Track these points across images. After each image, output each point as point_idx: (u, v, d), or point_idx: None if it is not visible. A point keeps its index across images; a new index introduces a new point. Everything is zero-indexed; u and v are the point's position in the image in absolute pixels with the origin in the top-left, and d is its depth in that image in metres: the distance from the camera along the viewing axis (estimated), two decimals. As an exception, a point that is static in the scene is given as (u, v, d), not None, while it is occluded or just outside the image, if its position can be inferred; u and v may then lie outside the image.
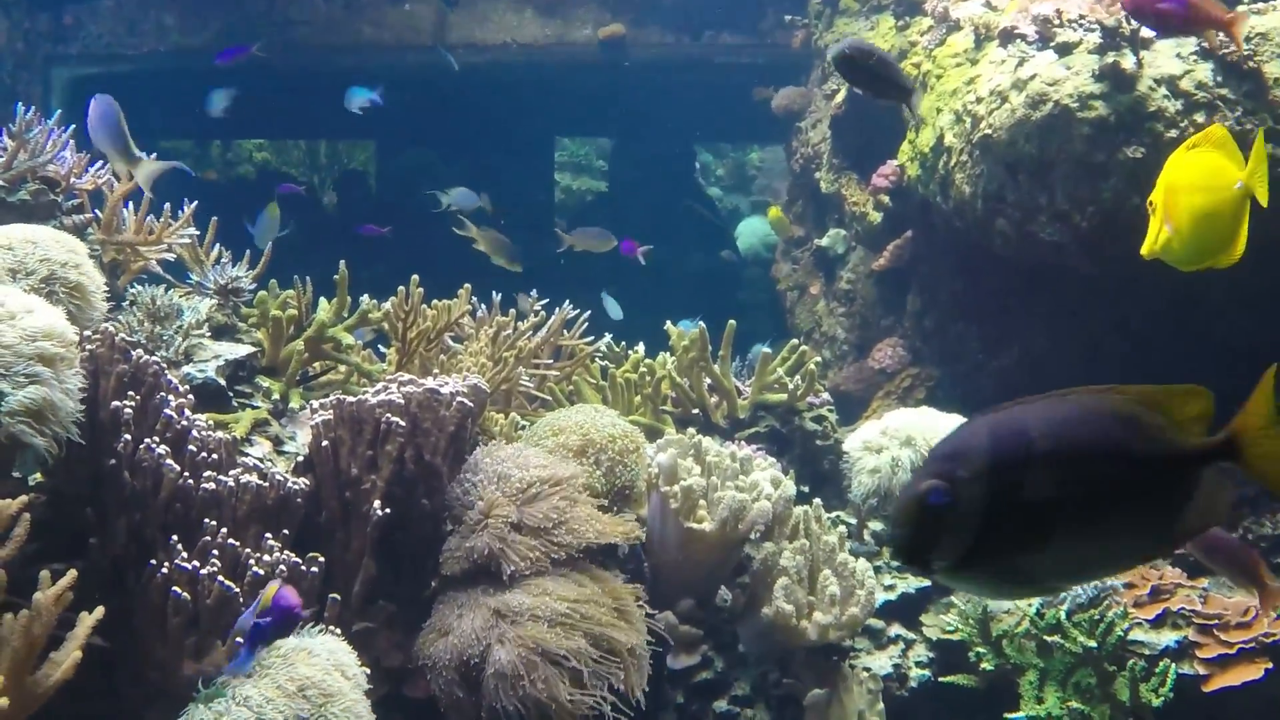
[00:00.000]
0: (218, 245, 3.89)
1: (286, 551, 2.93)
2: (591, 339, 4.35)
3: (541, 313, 4.22)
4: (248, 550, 2.89)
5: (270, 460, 3.28)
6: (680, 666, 3.54)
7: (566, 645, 3.03)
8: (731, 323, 4.31)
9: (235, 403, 3.52)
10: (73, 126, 3.71)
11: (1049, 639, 3.73)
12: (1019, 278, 5.12)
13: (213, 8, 8.37)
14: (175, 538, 2.85)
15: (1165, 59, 4.38)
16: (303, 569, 2.94)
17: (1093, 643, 3.64)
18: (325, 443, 3.17)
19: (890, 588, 4.12)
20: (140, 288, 3.56)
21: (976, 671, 3.93)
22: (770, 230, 9.25)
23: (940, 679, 3.99)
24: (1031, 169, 4.60)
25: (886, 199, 5.94)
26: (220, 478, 2.93)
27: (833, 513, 4.03)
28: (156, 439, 2.91)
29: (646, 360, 4.39)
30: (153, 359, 2.99)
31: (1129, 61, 4.39)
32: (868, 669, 3.90)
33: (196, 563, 2.82)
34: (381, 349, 4.03)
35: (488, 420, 3.67)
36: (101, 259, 3.39)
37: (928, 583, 4.24)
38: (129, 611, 2.84)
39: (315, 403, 3.27)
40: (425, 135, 9.91)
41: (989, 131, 4.74)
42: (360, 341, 3.92)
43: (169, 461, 2.87)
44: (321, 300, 3.84)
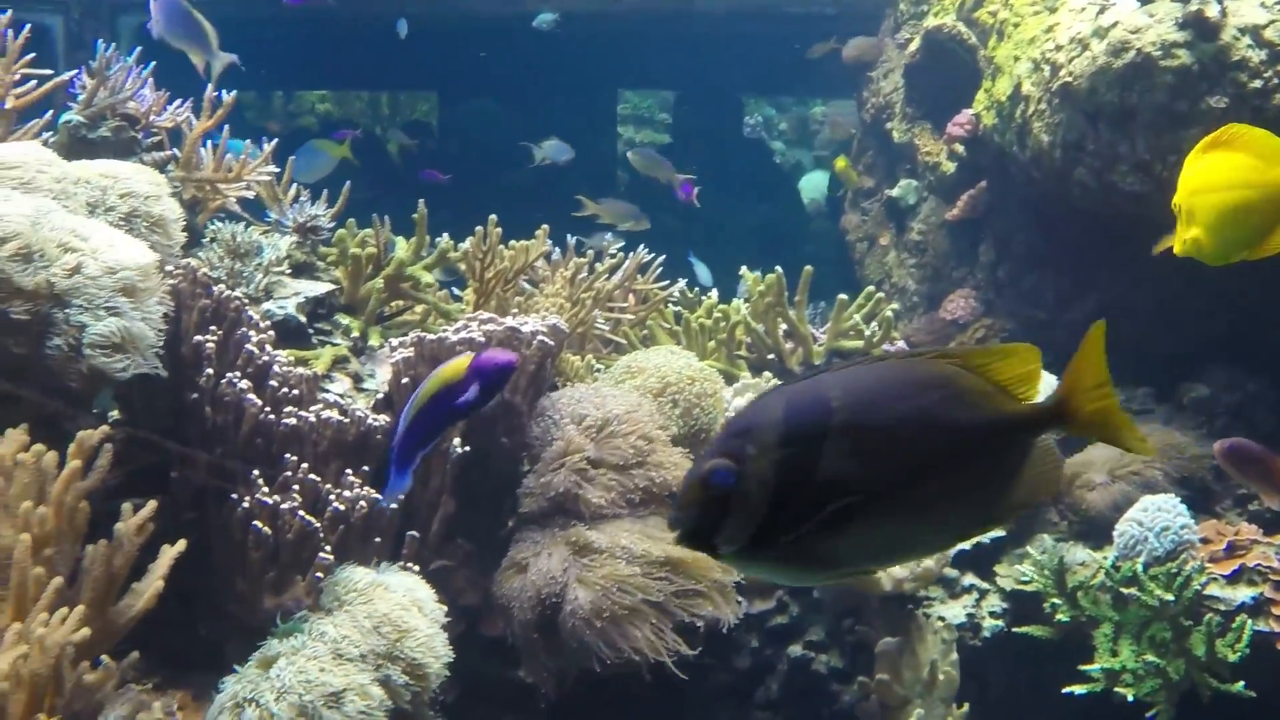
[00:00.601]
0: (295, 184, 3.86)
1: (367, 487, 2.90)
2: (666, 283, 4.29)
3: (619, 255, 4.15)
4: (328, 485, 2.86)
5: (350, 397, 3.25)
6: (755, 611, 3.50)
7: (645, 584, 2.98)
8: (808, 268, 4.24)
9: (315, 340, 3.49)
10: (153, 64, 3.67)
11: (1125, 591, 3.66)
12: (1096, 229, 5.01)
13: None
14: (256, 472, 2.82)
15: (1249, 8, 4.25)
16: (382, 505, 2.91)
17: (1169, 596, 3.56)
18: (405, 379, 3.13)
19: (965, 537, 4.05)
20: (220, 224, 3.53)
21: (1051, 623, 3.85)
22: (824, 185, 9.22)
23: (1013, 630, 3.93)
24: (1112, 118, 4.48)
25: (961, 149, 5.81)
26: (301, 413, 2.90)
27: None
28: (238, 374, 2.88)
29: (721, 306, 4.33)
30: (234, 294, 2.96)
31: (1213, 10, 4.26)
32: (941, 618, 3.83)
33: (277, 497, 2.79)
34: (455, 291, 3.99)
35: (563, 362, 3.62)
36: (181, 196, 3.36)
37: (1003, 532, 4.17)
38: (208, 546, 2.82)
39: (394, 340, 3.24)
40: (488, 86, 9.83)
41: (1069, 80, 4.62)
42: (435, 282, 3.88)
43: (251, 396, 2.84)
44: (399, 240, 3.81)
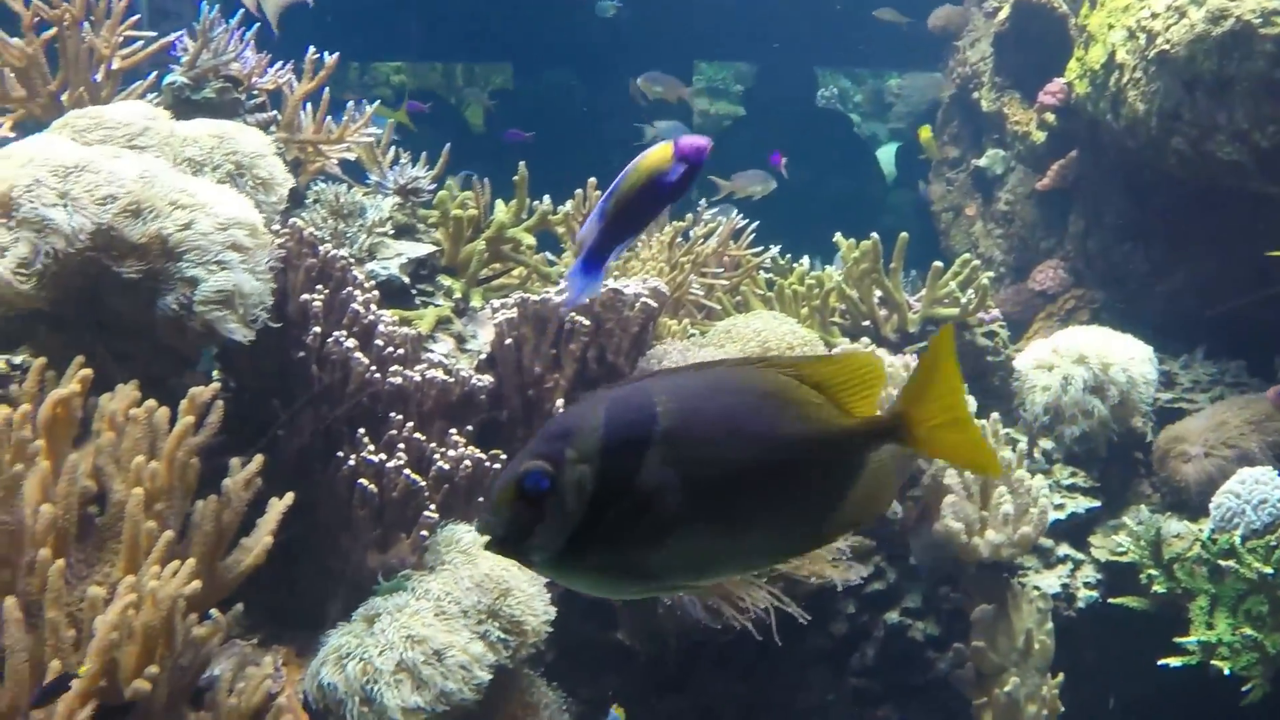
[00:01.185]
0: (394, 147, 3.84)
1: (471, 447, 2.88)
2: (760, 249, 4.23)
3: (714, 222, 4.10)
4: (433, 445, 2.84)
5: (454, 357, 3.22)
6: (854, 577, 3.44)
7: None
8: (903, 235, 4.16)
9: (418, 300, 3.46)
10: (255, 26, 3.66)
11: (1222, 564, 3.58)
12: (1189, 199, 4.91)
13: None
14: (362, 431, 2.80)
15: (1352, -27, 4.15)
16: (486, 465, 2.88)
17: (1268, 569, 3.48)
18: (509, 340, 3.10)
19: (1059, 507, 3.98)
20: (323, 185, 3.52)
21: (1146, 594, 3.79)
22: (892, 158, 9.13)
23: (1108, 601, 3.87)
24: (1210, 86, 4.38)
25: (1052, 118, 5.71)
26: (406, 372, 2.87)
27: (1003, 430, 3.88)
28: (344, 332, 2.86)
29: (814, 273, 4.27)
30: (340, 253, 2.94)
31: (1316, -25, 4.16)
32: (1036, 588, 3.78)
33: (383, 455, 2.77)
34: (550, 257, 3.95)
35: (660, 326, 3.58)
36: (284, 157, 3.34)
37: (1098, 503, 4.11)
38: (314, 504, 2.80)
39: (496, 302, 3.21)
40: (563, 57, 9.78)
41: (1165, 47, 4.52)
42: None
43: (357, 355, 2.82)
44: (498, 203, 3.78)
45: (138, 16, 3.51)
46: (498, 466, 2.90)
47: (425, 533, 2.74)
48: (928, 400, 1.37)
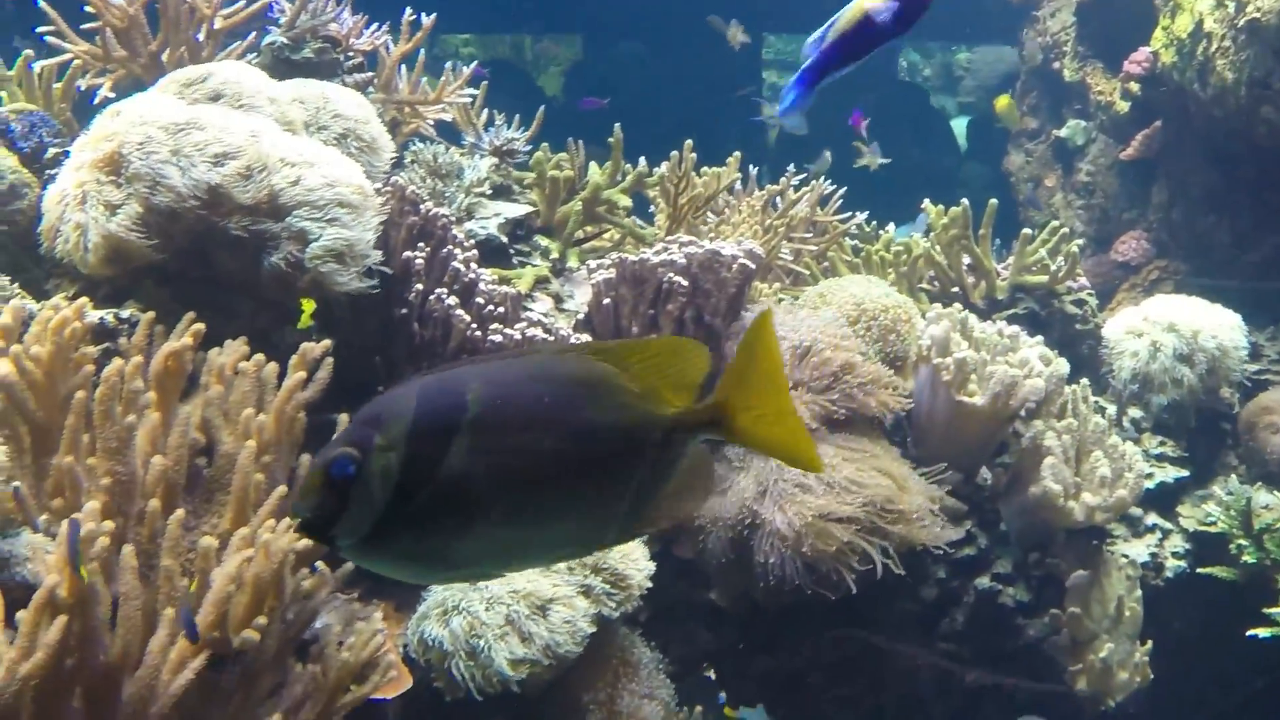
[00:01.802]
0: (486, 109, 3.82)
1: (570, 405, 2.85)
2: (847, 215, 4.19)
3: (811, 188, 4.05)
4: (533, 403, 2.82)
5: (552, 316, 3.20)
6: (944, 542, 3.40)
7: (843, 508, 2.91)
8: (993, 201, 4.11)
9: (515, 260, 3.45)
10: (353, -13, 3.66)
11: (1315, 534, 3.53)
12: (1278, 169, 4.83)
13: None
14: (464, 387, 2.78)
15: None
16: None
17: (1361, 540, 3.43)
18: (606, 300, 3.07)
19: (1148, 476, 3.92)
20: (421, 145, 3.51)
21: (1236, 565, 3.73)
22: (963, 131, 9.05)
23: (1197, 571, 3.81)
24: (1302, 55, 4.31)
25: (1136, 87, 5.62)
26: (507, 330, 2.85)
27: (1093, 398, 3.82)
28: (445, 290, 2.84)
29: (901, 239, 4.23)
30: (441, 211, 2.92)
31: None
32: (1125, 555, 3.73)
33: (484, 412, 2.75)
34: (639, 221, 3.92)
35: (752, 289, 3.54)
36: (382, 117, 3.33)
37: (1185, 472, 4.04)
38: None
39: (593, 262, 3.18)
40: (633, 29, 9.72)
41: (1256, 15, 4.44)
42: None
43: (459, 312, 2.81)
44: (591, 166, 3.76)
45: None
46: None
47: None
48: (747, 390, 1.33)
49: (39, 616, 2.08)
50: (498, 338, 2.83)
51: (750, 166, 4.06)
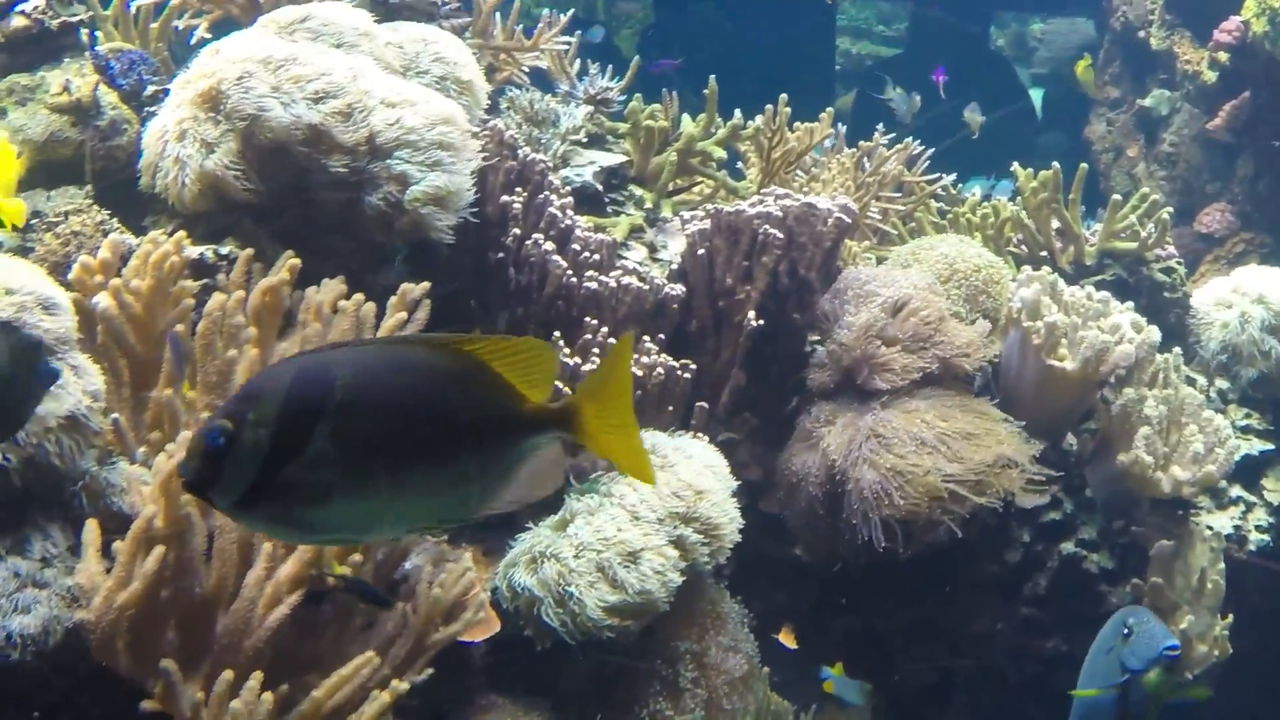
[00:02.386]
0: (580, 59, 3.78)
1: (663, 354, 2.82)
2: (934, 176, 4.12)
3: (901, 147, 4.00)
4: (626, 351, 2.79)
5: (646, 265, 3.17)
6: (1029, 505, 3.35)
7: (932, 467, 2.86)
8: (1083, 166, 4.03)
9: (610, 209, 3.41)
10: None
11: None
12: (1369, 143, 4.73)
13: None
14: (557, 334, 2.76)
15: None
16: (678, 373, 2.82)
17: None
18: (701, 251, 3.03)
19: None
20: (517, 91, 3.48)
21: (1319, 540, 3.67)
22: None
23: (1280, 545, 3.75)
24: (1402, 24, 4.19)
25: (1225, 57, 5.49)
26: (602, 278, 2.82)
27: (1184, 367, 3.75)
28: (542, 235, 2.81)
29: (987, 202, 4.16)
30: (539, 157, 2.89)
31: None
32: (1209, 527, 3.65)
33: (578, 359, 2.72)
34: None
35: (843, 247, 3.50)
36: (478, 63, 3.29)
37: (1270, 445, 3.96)
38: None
39: (688, 213, 3.15)
40: (704, -10, 9.63)
41: (1355, -16, 4.33)
42: None
43: (555, 257, 2.78)
44: (684, 118, 3.72)
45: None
46: (687, 376, 2.85)
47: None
48: (599, 402, 1.45)
49: (136, 547, 2.08)
50: (593, 285, 2.79)
51: (838, 124, 4.01)
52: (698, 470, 2.67)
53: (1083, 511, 3.43)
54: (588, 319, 2.77)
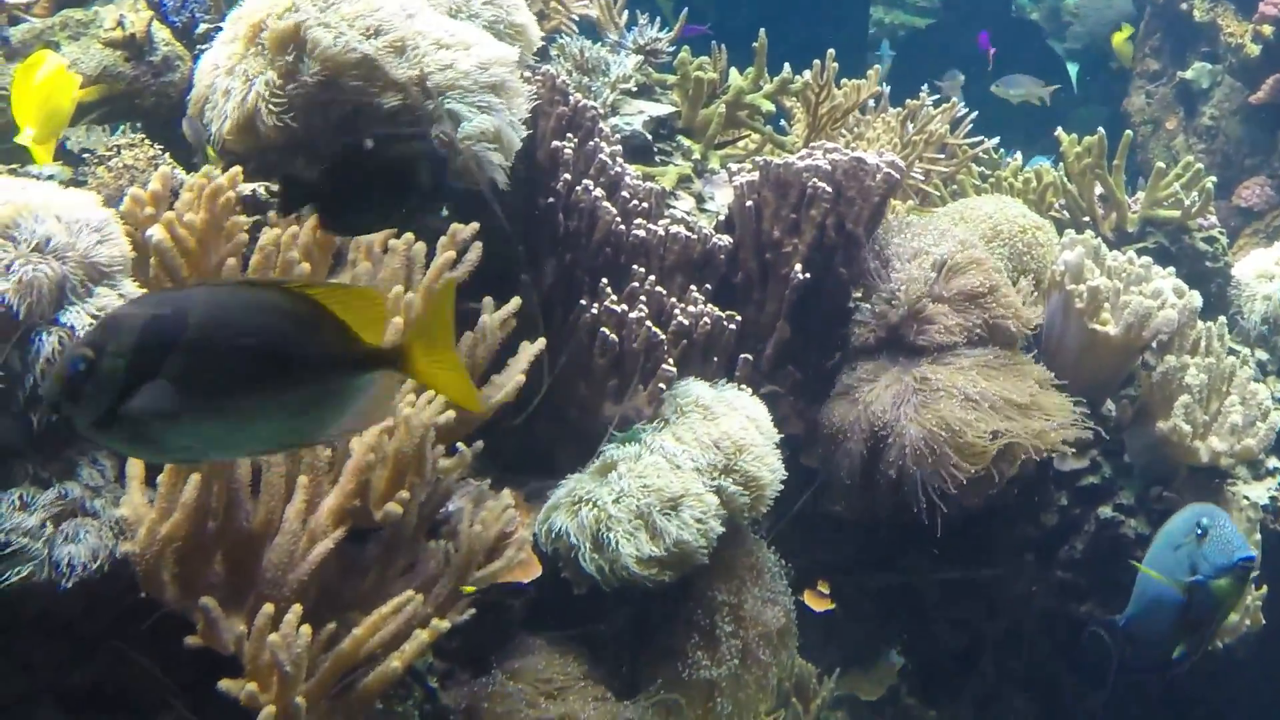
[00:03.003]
0: (627, 10, 3.75)
1: (710, 304, 2.80)
2: (977, 139, 4.08)
3: (946, 107, 3.95)
4: (673, 299, 2.76)
5: (694, 215, 3.14)
6: (1068, 468, 3.32)
7: (977, 425, 2.84)
8: (1128, 133, 4.00)
9: (658, 159, 3.39)
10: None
11: None
12: None
13: None
14: (605, 280, 2.73)
15: None
16: (724, 324, 2.80)
17: None
18: (749, 203, 3.00)
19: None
20: (567, 38, 3.45)
21: (1356, 513, 3.63)
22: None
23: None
24: None
25: (1269, 30, 5.44)
26: (650, 226, 2.79)
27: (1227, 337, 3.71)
28: (592, 182, 2.78)
29: (1029, 168, 4.13)
30: (590, 103, 2.86)
31: None
32: (1246, 497, 3.62)
33: (624, 306, 2.70)
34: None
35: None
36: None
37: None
38: (553, 350, 2.74)
39: (735, 165, 3.12)
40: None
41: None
42: None
43: (605, 204, 2.75)
44: (731, 72, 3.69)
45: None
46: (732, 327, 2.83)
47: (663, 386, 2.67)
48: (425, 341, 1.59)
49: (175, 477, 2.07)
50: (641, 233, 2.77)
51: (884, 84, 3.97)
52: (741, 422, 2.65)
53: (1121, 477, 3.40)
54: (635, 266, 2.74)
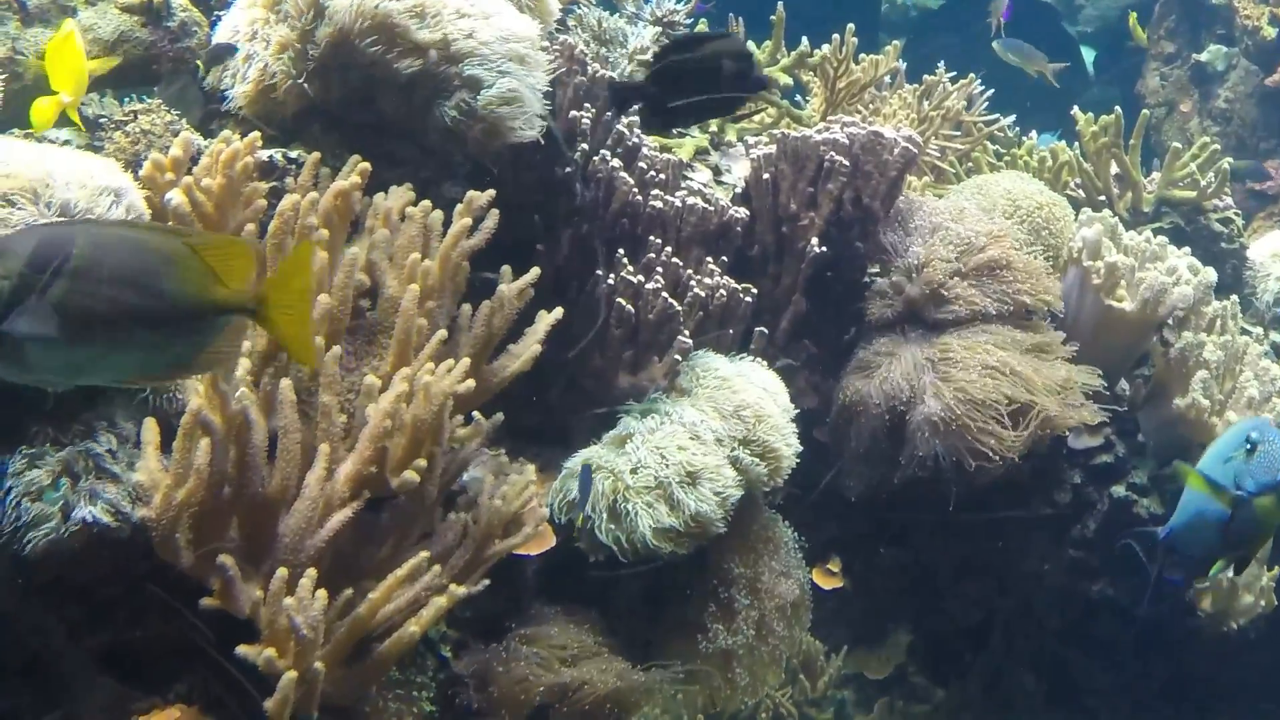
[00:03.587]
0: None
1: (726, 277, 2.79)
2: (993, 117, 4.06)
3: (962, 84, 3.94)
4: (689, 271, 2.76)
5: (711, 188, 3.13)
6: (1081, 447, 3.31)
7: (996, 397, 2.83)
8: (1145, 112, 3.99)
9: (674, 131, 3.38)
10: None
11: None
12: None
13: None
14: (621, 251, 2.73)
15: None
16: (740, 296, 2.79)
17: None
18: (766, 175, 2.99)
19: None
20: (585, 9, 3.44)
21: (1369, 495, 3.61)
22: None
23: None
24: None
25: (1286, 12, 5.43)
26: (667, 197, 2.79)
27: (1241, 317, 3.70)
28: (609, 152, 2.78)
29: (1045, 146, 4.12)
30: (608, 74, 2.86)
31: None
32: (1260, 479, 3.61)
33: (641, 277, 2.69)
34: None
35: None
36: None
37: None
38: (568, 320, 2.73)
39: (752, 138, 3.11)
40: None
41: None
42: None
43: (622, 174, 2.74)
44: (749, 44, 3.67)
45: None
46: (749, 300, 2.82)
47: (678, 357, 2.67)
48: (282, 293, 1.74)
49: (188, 441, 2.06)
50: (658, 204, 2.76)
51: (901, 62, 3.95)
52: (758, 394, 2.64)
53: (1134, 455, 3.38)
54: (652, 237, 2.74)
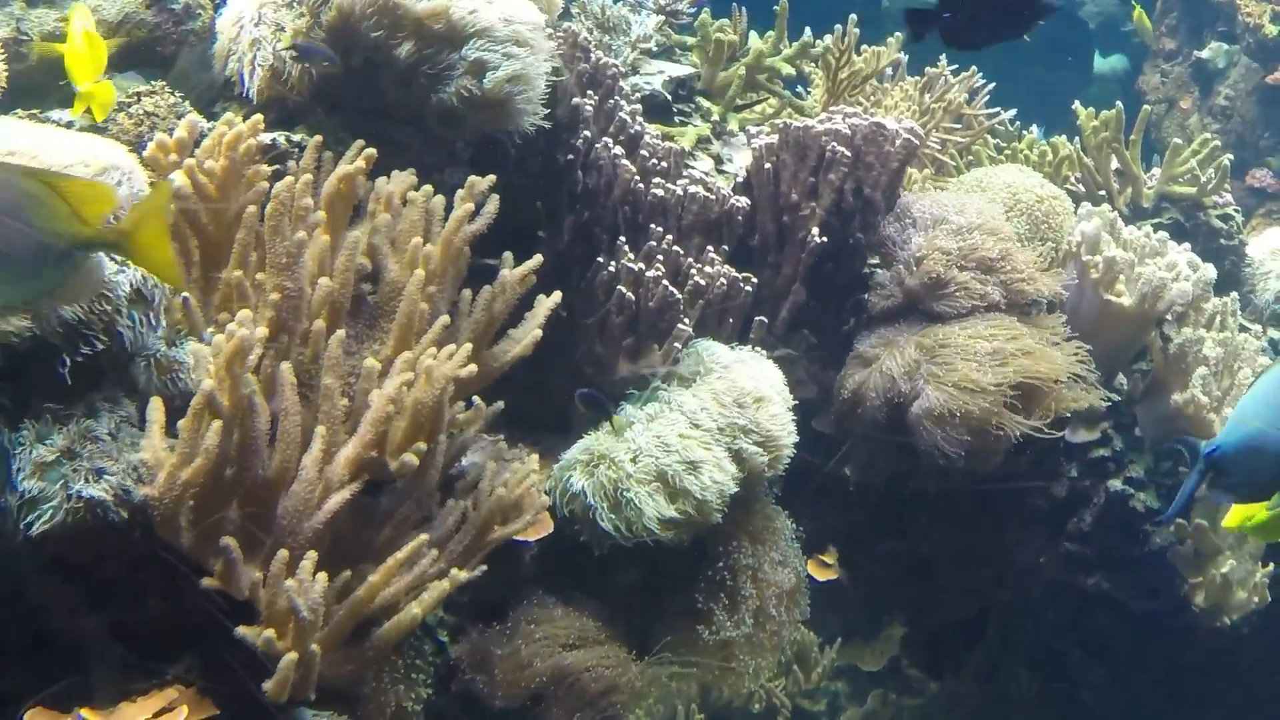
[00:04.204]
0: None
1: (727, 265, 2.80)
2: (994, 110, 4.07)
3: (964, 77, 3.94)
4: (690, 260, 2.76)
5: (712, 176, 3.14)
6: (1079, 440, 3.32)
7: (998, 390, 2.84)
8: (1146, 107, 3.99)
9: (677, 119, 3.39)
10: None
11: None
12: None
13: None
14: (623, 238, 2.74)
15: None
16: (740, 285, 2.80)
17: None
18: (767, 165, 3.00)
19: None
20: (586, -2, 3.46)
21: (1365, 493, 3.62)
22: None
23: (1325, 497, 3.71)
24: None
25: (1288, 10, 5.44)
26: (669, 185, 2.80)
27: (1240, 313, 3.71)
28: (611, 139, 2.79)
29: (1046, 141, 4.12)
30: (612, 61, 2.86)
31: None
32: (1256, 474, 3.62)
33: (642, 265, 2.70)
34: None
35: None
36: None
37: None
38: (569, 308, 2.74)
39: (754, 127, 3.12)
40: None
41: None
42: None
43: (624, 162, 2.75)
44: (751, 35, 3.69)
45: None
46: (748, 289, 2.83)
47: (678, 345, 2.68)
48: (139, 229, 1.87)
49: (197, 422, 2.06)
50: (660, 192, 2.77)
51: (901, 53, 3.96)
52: (758, 381, 2.65)
53: (1131, 450, 3.40)
54: (653, 225, 2.74)
